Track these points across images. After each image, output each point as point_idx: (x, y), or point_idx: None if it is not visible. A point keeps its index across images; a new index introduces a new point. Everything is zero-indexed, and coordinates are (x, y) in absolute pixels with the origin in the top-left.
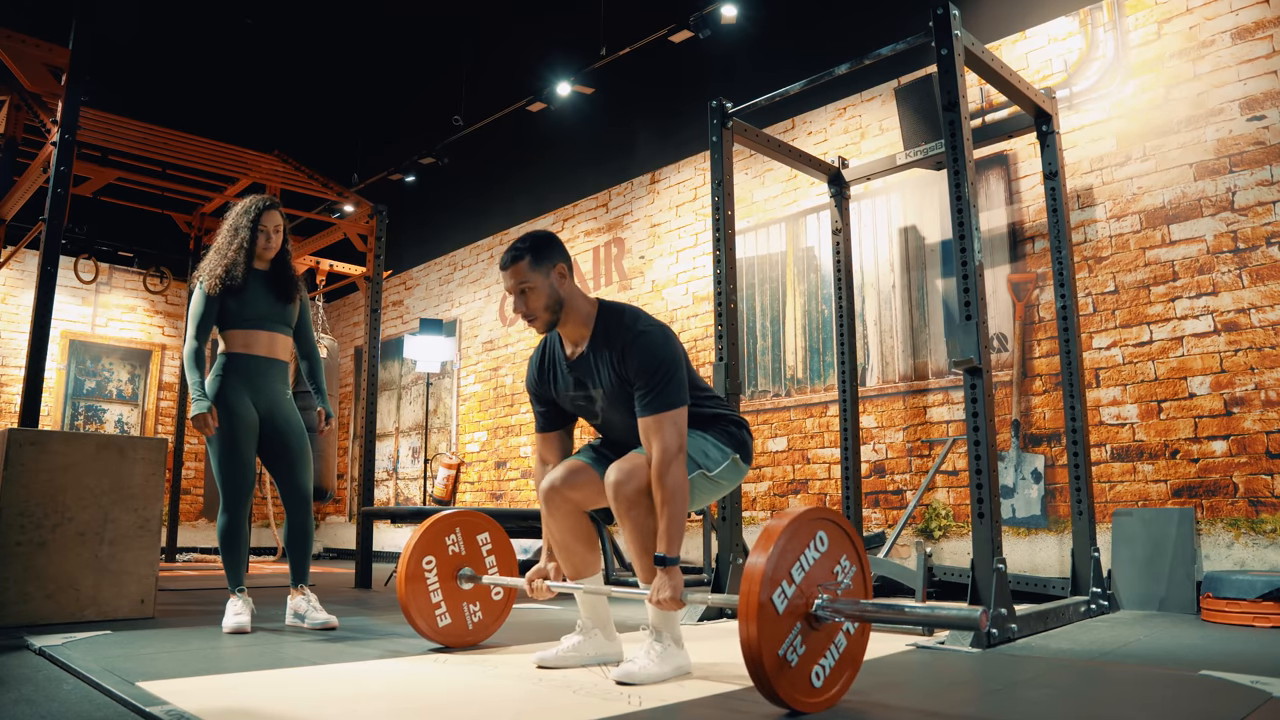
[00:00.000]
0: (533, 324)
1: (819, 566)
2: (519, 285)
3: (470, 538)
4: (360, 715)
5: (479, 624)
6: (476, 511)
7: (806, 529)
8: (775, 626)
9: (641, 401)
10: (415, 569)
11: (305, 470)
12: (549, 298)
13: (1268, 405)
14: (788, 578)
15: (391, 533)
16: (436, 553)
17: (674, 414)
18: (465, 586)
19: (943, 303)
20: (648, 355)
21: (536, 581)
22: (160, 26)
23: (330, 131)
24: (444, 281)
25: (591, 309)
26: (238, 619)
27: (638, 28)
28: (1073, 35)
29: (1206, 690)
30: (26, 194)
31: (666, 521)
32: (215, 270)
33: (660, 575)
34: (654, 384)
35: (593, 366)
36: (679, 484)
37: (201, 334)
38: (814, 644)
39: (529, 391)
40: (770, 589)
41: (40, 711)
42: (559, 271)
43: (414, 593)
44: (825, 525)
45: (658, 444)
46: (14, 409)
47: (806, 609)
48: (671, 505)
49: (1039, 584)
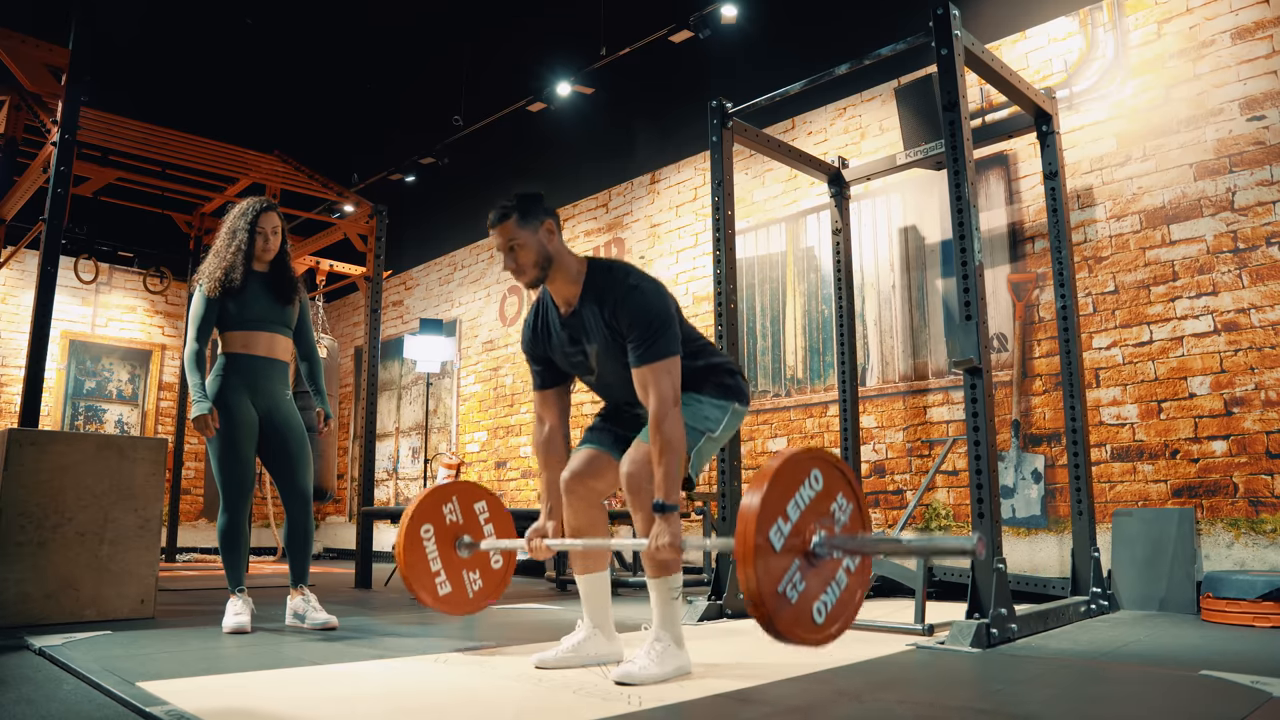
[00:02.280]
0: (521, 279)
1: (815, 505)
2: (508, 242)
3: (468, 507)
4: (360, 715)
5: (480, 591)
6: (471, 483)
7: (800, 468)
8: (773, 563)
9: (635, 353)
10: (414, 538)
11: (305, 470)
12: (537, 254)
13: (1268, 405)
14: (783, 515)
15: (391, 533)
16: (434, 521)
17: (668, 363)
18: (464, 554)
19: (943, 303)
20: (640, 308)
21: (535, 540)
22: (160, 26)
23: (330, 131)
24: (444, 281)
25: (581, 266)
26: (238, 619)
27: (638, 28)
28: (1073, 35)
29: (1206, 690)
30: (26, 194)
31: (664, 470)
32: (214, 273)
33: (659, 522)
34: (647, 336)
35: (585, 322)
36: (675, 433)
37: (202, 336)
38: (814, 581)
39: (524, 352)
40: (766, 525)
41: (40, 711)
42: (547, 228)
43: (413, 562)
44: (819, 464)
45: (654, 394)
46: (14, 409)
47: (804, 546)
48: (668, 454)
49: (1039, 584)
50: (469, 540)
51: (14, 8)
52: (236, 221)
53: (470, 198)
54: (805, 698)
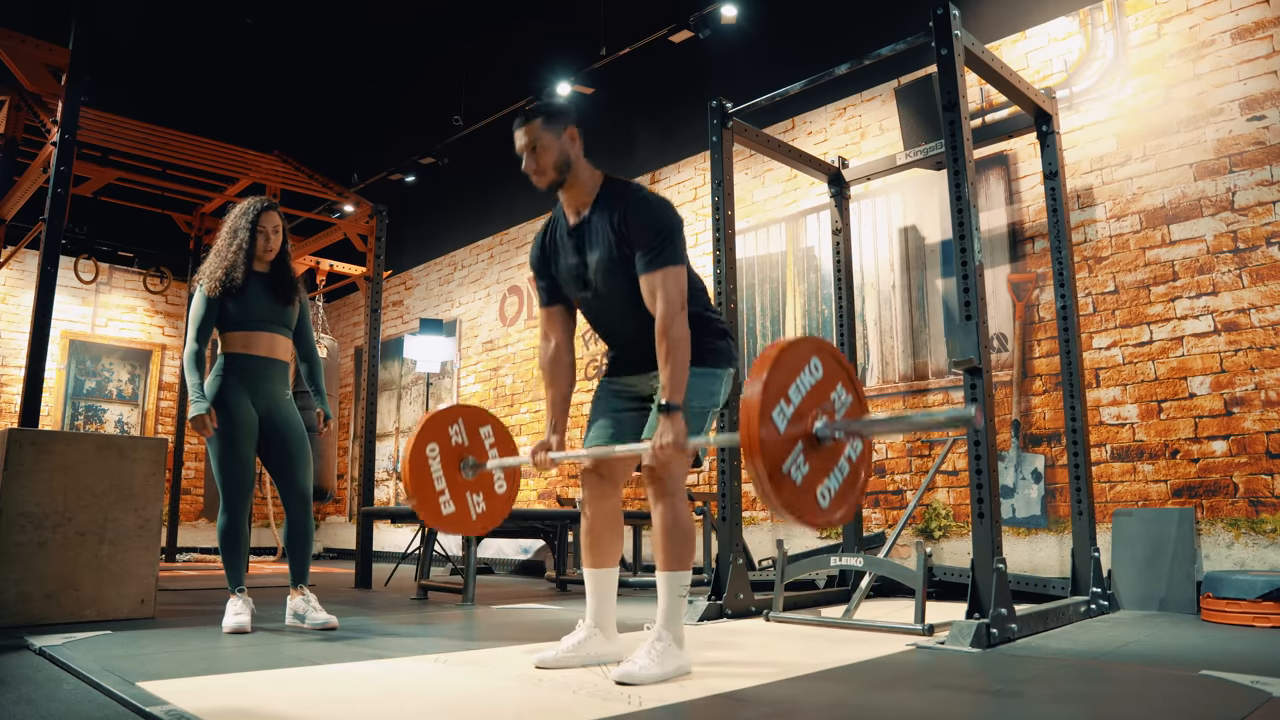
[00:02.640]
0: (538, 181)
1: (816, 391)
2: (530, 143)
3: (474, 430)
4: (360, 715)
5: (482, 514)
6: (477, 407)
7: (800, 354)
8: (778, 443)
9: (644, 259)
10: (419, 456)
11: (305, 470)
12: (558, 157)
13: (1268, 405)
14: (785, 398)
15: (391, 533)
16: (440, 441)
17: (676, 270)
18: (469, 475)
19: (943, 303)
20: (651, 215)
21: (540, 454)
22: (160, 26)
23: (330, 131)
24: (444, 281)
25: (597, 178)
26: (238, 619)
27: (638, 28)
28: (1073, 35)
29: (1206, 690)
30: (26, 194)
31: (670, 372)
32: (215, 273)
33: (664, 421)
34: (657, 242)
35: (592, 231)
36: (682, 338)
37: (202, 336)
38: (817, 465)
39: (532, 268)
40: (769, 407)
41: (40, 711)
42: (570, 134)
43: (418, 481)
44: (819, 352)
45: (662, 298)
46: (14, 409)
47: (807, 430)
48: (674, 357)
49: (1039, 584)
50: (474, 461)
51: (14, 8)
52: (238, 221)
53: (470, 198)
54: (805, 698)
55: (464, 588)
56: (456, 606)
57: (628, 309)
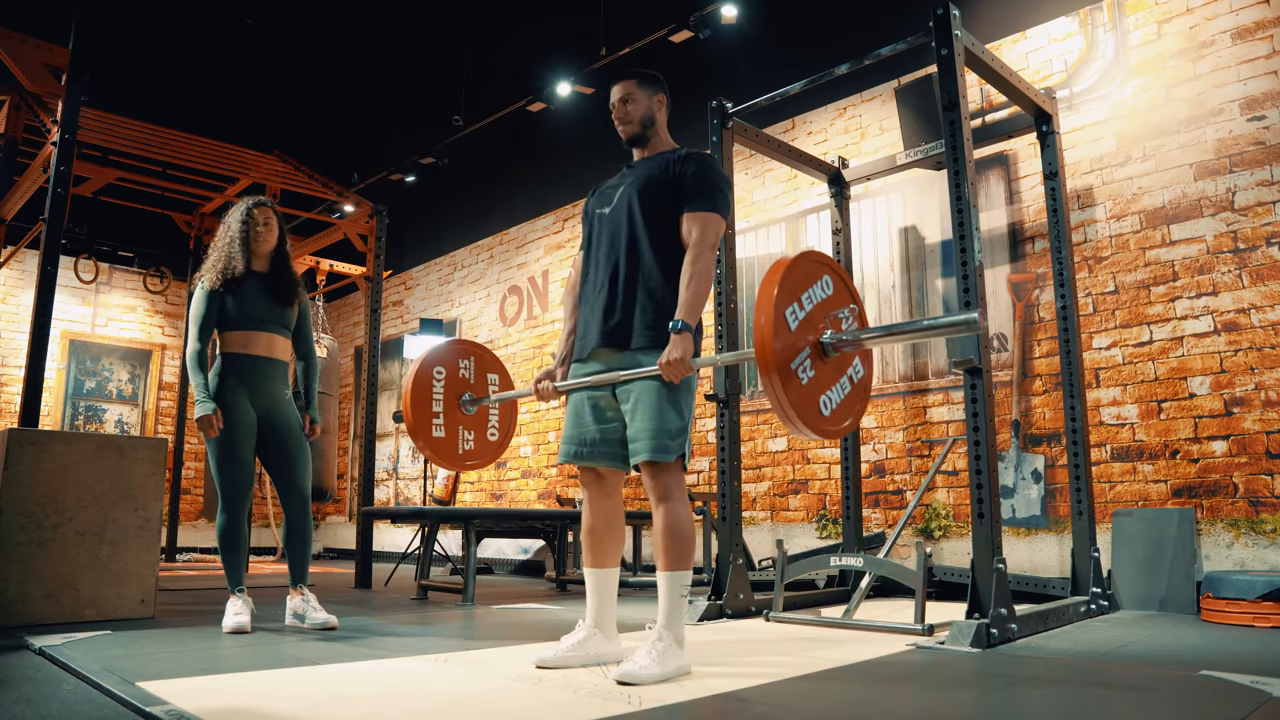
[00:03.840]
0: (624, 129)
1: (825, 304)
2: (625, 95)
3: (481, 373)
4: (359, 715)
5: (468, 451)
6: (491, 353)
7: (814, 268)
8: (788, 340)
9: (693, 199)
10: (425, 374)
11: (304, 470)
12: (645, 113)
13: (1268, 405)
14: (798, 302)
15: (391, 533)
16: (448, 367)
17: (717, 218)
18: (469, 411)
19: (943, 303)
20: (709, 167)
21: (544, 383)
22: (160, 26)
23: (330, 131)
24: (444, 281)
25: (672, 146)
26: (237, 619)
27: (638, 28)
28: (1073, 35)
29: (1206, 690)
30: (26, 194)
31: (690, 294)
32: (215, 265)
33: (674, 338)
34: (707, 189)
35: (646, 165)
36: (706, 271)
37: (204, 334)
38: (822, 373)
39: (584, 211)
40: (784, 304)
41: (40, 711)
42: (659, 100)
43: (418, 397)
44: (830, 272)
45: (698, 233)
46: (14, 409)
47: (816, 336)
48: (696, 283)
49: (1039, 584)
50: (473, 397)
51: (14, 8)
52: (231, 215)
53: (470, 198)
54: (805, 698)
55: (464, 588)
56: (456, 606)
57: (628, 251)
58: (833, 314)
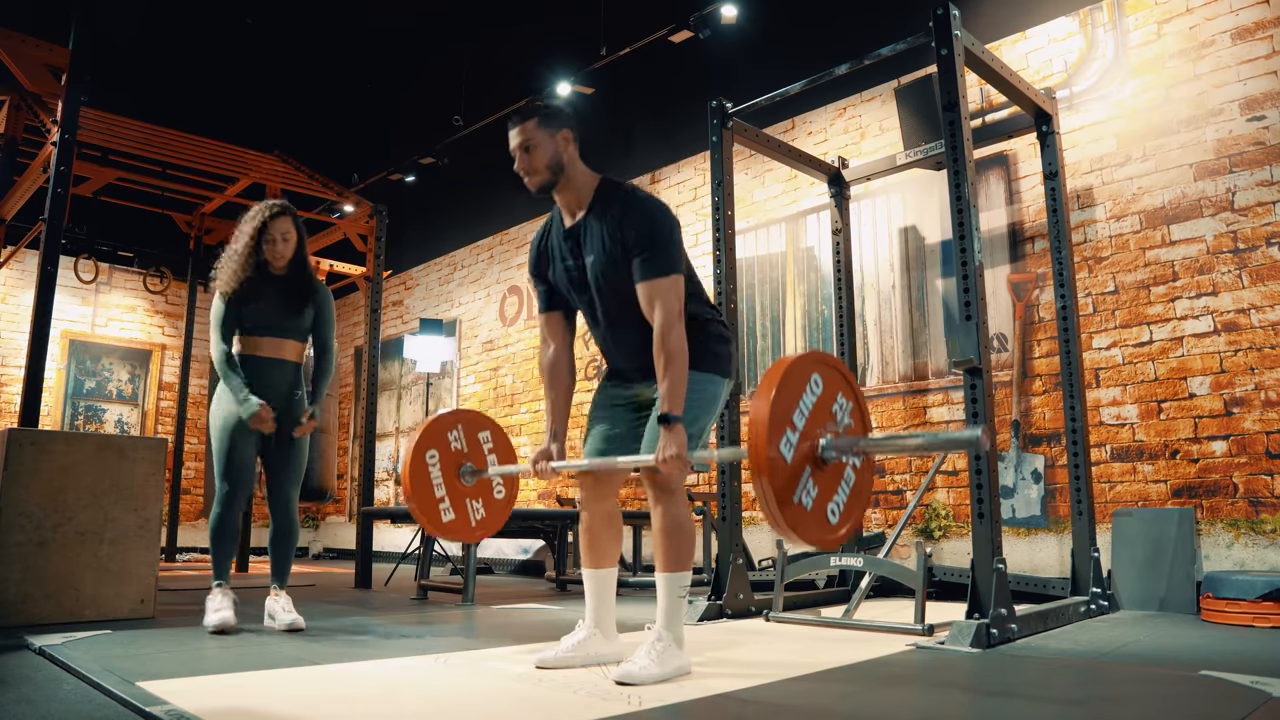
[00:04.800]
0: (530, 181)
1: (818, 410)
2: (524, 142)
3: (472, 435)
4: (359, 715)
5: (482, 520)
6: (476, 411)
7: (800, 375)
8: (787, 474)
9: (640, 267)
10: (419, 463)
11: (295, 475)
12: (550, 158)
13: (1268, 405)
14: (790, 425)
15: (391, 533)
16: (439, 447)
17: (673, 279)
18: (468, 482)
19: (943, 303)
20: (647, 220)
21: (541, 464)
22: (160, 26)
23: (330, 131)
24: (444, 281)
25: (592, 181)
26: (219, 615)
27: (638, 28)
28: (1073, 35)
29: (1206, 690)
30: (26, 194)
31: (668, 384)
32: (228, 273)
33: (664, 434)
34: (653, 247)
35: (588, 233)
36: (679, 348)
37: (226, 338)
38: (825, 484)
39: (530, 273)
40: (776, 438)
41: (40, 711)
42: (564, 136)
43: (419, 488)
44: (817, 368)
45: (660, 309)
46: (14, 409)
47: (813, 452)
48: (673, 368)
49: (1039, 584)
50: (473, 468)
51: (14, 8)
52: (246, 225)
53: (470, 198)
54: (805, 698)
55: (464, 588)
56: (456, 606)
57: (627, 313)
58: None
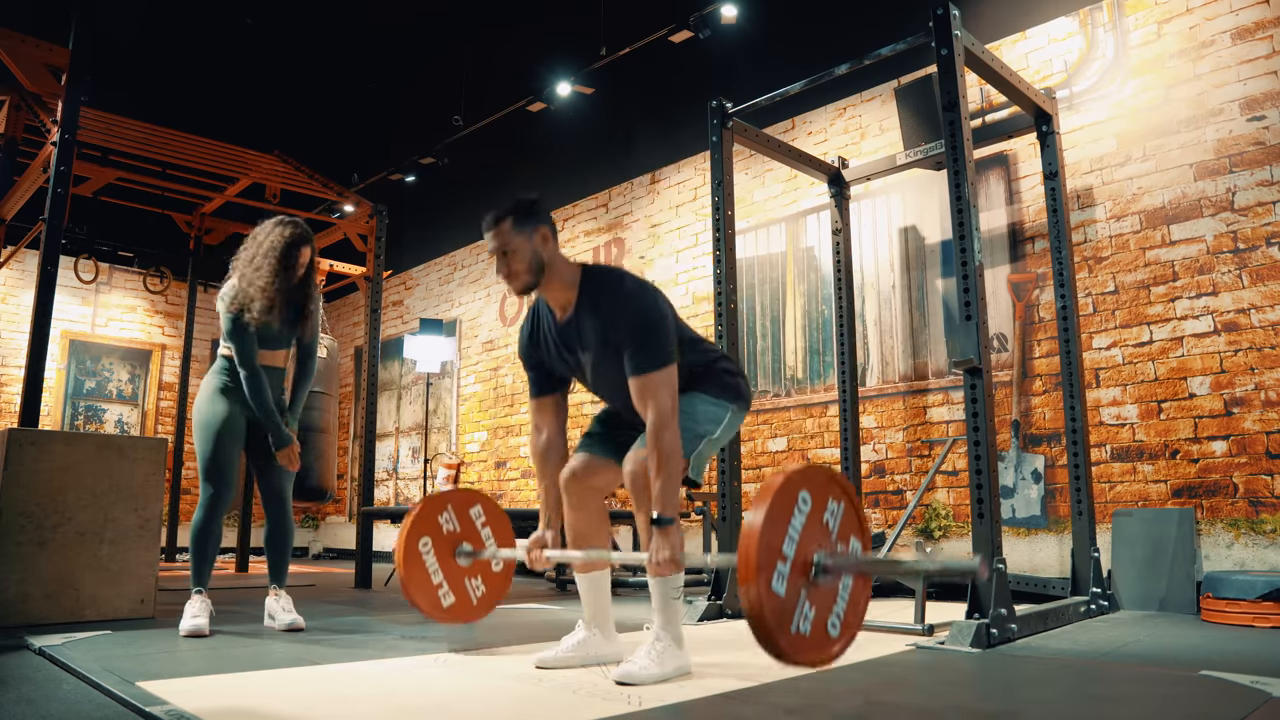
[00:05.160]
0: (512, 285)
1: (809, 528)
2: (501, 247)
3: (463, 514)
4: (359, 715)
5: (483, 597)
6: (465, 489)
7: (786, 499)
8: (782, 609)
9: (631, 362)
10: (412, 553)
11: (286, 473)
12: (530, 260)
13: (1268, 405)
14: (781, 557)
15: (391, 533)
16: (431, 533)
17: (665, 373)
18: (464, 563)
19: (943, 303)
20: (634, 316)
21: (535, 552)
22: (160, 26)
23: (330, 131)
24: (444, 281)
25: (575, 273)
26: (195, 621)
27: (638, 28)
28: (1073, 35)
29: (1206, 690)
30: (26, 194)
31: (661, 484)
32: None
33: (658, 536)
34: (642, 342)
35: (581, 330)
36: (673, 447)
37: (253, 361)
38: (822, 601)
39: (520, 358)
40: (768, 575)
41: (40, 711)
42: (541, 235)
43: (414, 577)
44: (803, 485)
45: (652, 407)
46: (14, 409)
47: (806, 575)
48: (666, 467)
49: (1039, 584)
50: (469, 549)
51: (14, 8)
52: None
53: (470, 198)
54: (805, 698)
55: None
56: None
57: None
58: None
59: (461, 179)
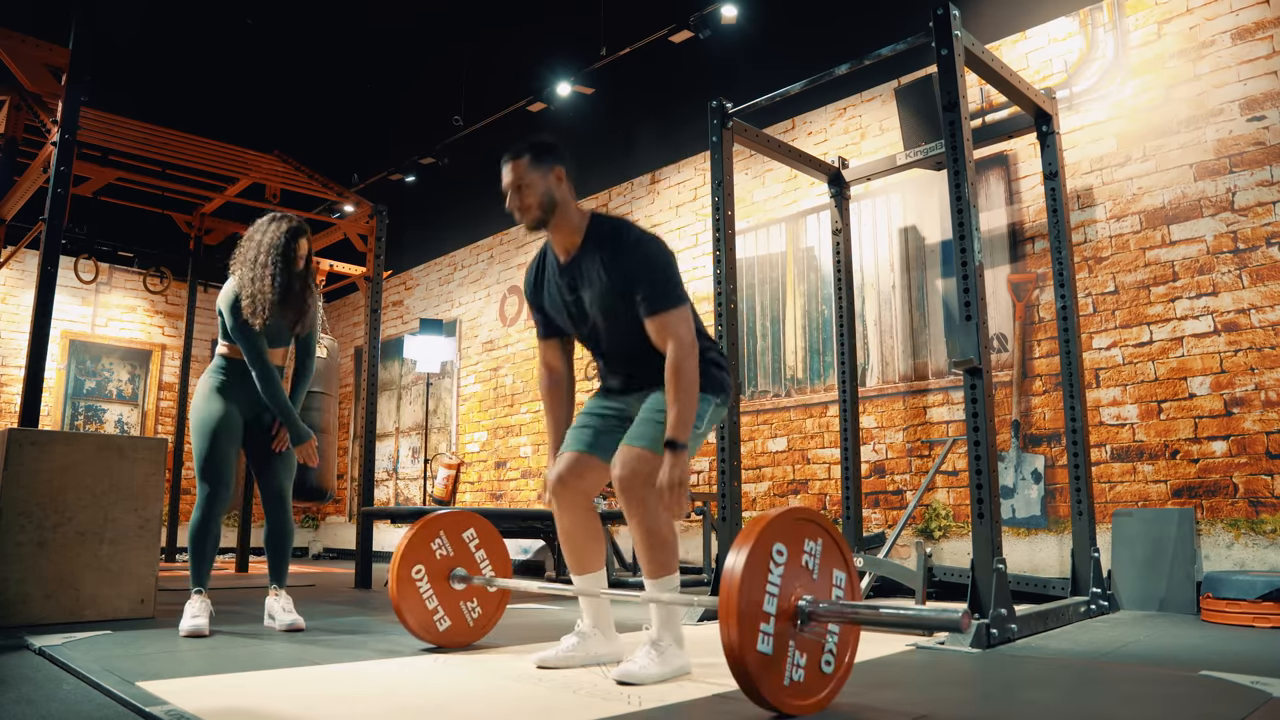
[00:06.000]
0: (522, 219)
1: (788, 578)
2: (516, 181)
3: (456, 538)
4: (359, 715)
5: (479, 619)
6: (458, 511)
7: (760, 557)
8: (772, 667)
9: (647, 304)
10: (405, 579)
11: (285, 472)
12: (542, 196)
13: (1268, 405)
14: (762, 617)
15: (391, 533)
16: (424, 559)
17: (680, 310)
18: (459, 586)
19: (943, 303)
20: (645, 259)
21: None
22: (160, 26)
23: (330, 131)
24: (444, 281)
25: (584, 217)
26: (195, 622)
27: (638, 28)
28: (1073, 36)
29: (1206, 690)
30: (26, 194)
31: (679, 409)
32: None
33: (669, 457)
34: (656, 282)
35: (584, 270)
36: (692, 378)
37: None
38: (810, 646)
39: (527, 300)
40: (752, 641)
41: (40, 711)
42: (556, 174)
43: (409, 603)
44: (775, 537)
45: (673, 340)
46: (14, 409)
47: (792, 628)
48: (684, 396)
49: (1039, 584)
50: (464, 574)
51: (14, 8)
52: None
53: (470, 198)
54: None
55: None
56: None
57: (627, 341)
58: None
59: (461, 179)
